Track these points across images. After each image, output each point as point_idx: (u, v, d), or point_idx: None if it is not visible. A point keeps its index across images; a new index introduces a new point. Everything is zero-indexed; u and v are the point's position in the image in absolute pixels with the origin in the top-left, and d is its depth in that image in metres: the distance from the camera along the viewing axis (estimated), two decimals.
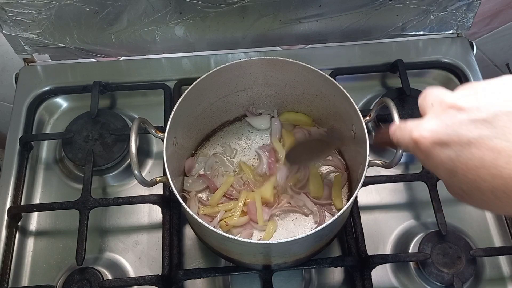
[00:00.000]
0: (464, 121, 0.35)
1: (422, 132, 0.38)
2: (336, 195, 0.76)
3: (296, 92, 0.78)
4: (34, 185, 0.85)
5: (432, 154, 0.37)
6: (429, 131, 0.37)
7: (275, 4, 0.86)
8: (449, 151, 0.36)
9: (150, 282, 0.71)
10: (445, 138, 0.36)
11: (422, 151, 0.38)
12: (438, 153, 0.37)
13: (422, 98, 0.42)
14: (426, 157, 0.38)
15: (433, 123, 0.37)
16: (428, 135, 0.37)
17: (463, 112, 0.36)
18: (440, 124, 0.37)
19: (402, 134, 0.41)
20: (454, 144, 0.35)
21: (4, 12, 0.83)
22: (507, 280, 0.77)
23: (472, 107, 0.35)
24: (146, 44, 0.93)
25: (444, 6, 0.90)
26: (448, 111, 0.37)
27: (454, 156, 0.35)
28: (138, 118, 0.65)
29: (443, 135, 0.36)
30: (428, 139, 0.37)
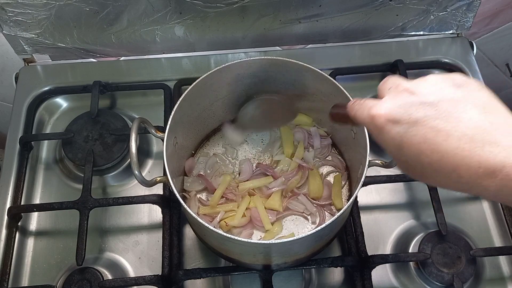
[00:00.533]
0: (415, 103, 0.41)
1: (378, 110, 0.43)
2: (336, 195, 0.76)
3: (296, 92, 0.78)
4: (34, 185, 0.85)
5: (385, 130, 0.42)
6: (385, 109, 0.42)
7: (275, 4, 0.86)
8: (399, 127, 0.41)
9: (150, 282, 0.71)
10: (397, 116, 0.41)
11: (377, 126, 0.43)
12: (390, 129, 0.42)
13: (382, 83, 0.47)
14: (379, 132, 0.43)
15: (389, 103, 0.43)
16: (383, 112, 0.42)
17: (415, 96, 0.41)
18: (394, 104, 0.42)
19: (361, 109, 0.46)
20: (403, 122, 0.41)
21: (4, 12, 0.83)
22: (507, 280, 0.77)
23: (422, 92, 0.41)
24: (146, 44, 0.93)
25: (444, 6, 0.90)
26: (402, 94, 0.42)
27: (403, 132, 0.41)
28: (138, 118, 0.65)
29: (396, 114, 0.41)
30: (383, 116, 0.42)
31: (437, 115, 0.39)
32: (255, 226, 0.74)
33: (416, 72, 0.95)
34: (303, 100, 0.79)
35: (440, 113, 0.39)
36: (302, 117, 0.83)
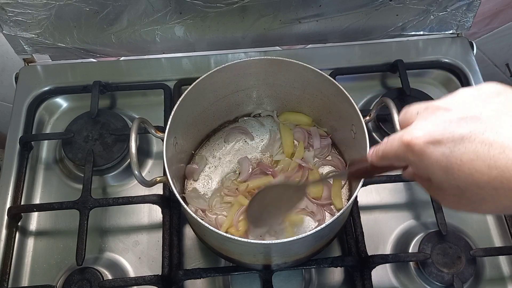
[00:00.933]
0: (454, 119, 0.37)
1: (414, 134, 0.39)
2: (336, 195, 0.76)
3: (296, 92, 0.78)
4: (34, 185, 0.85)
5: (426, 154, 0.38)
6: (421, 131, 0.38)
7: (275, 4, 0.86)
8: (443, 148, 0.37)
9: (150, 282, 0.71)
10: (438, 136, 0.37)
11: (415, 152, 0.39)
12: (432, 151, 0.37)
13: (403, 114, 0.43)
14: (419, 158, 0.39)
15: (423, 124, 0.39)
16: (420, 135, 0.38)
17: (452, 112, 0.38)
18: (431, 124, 0.38)
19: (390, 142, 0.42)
20: (447, 141, 0.36)
21: (4, 12, 0.83)
22: (507, 280, 0.77)
23: (459, 107, 0.38)
24: (146, 44, 0.93)
25: (444, 6, 0.90)
26: (437, 113, 0.38)
27: (449, 152, 0.36)
28: (138, 118, 0.65)
29: (436, 133, 0.37)
30: (421, 139, 0.38)
31: (484, 127, 0.35)
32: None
33: (416, 72, 0.95)
34: (303, 101, 0.79)
35: (487, 125, 0.35)
36: (302, 117, 0.83)
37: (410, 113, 0.42)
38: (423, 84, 0.95)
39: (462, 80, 0.93)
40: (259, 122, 0.85)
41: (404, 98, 0.89)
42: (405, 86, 0.89)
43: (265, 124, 0.85)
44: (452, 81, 0.95)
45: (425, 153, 0.38)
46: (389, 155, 0.42)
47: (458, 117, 0.37)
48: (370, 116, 0.69)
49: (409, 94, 0.89)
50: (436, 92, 0.94)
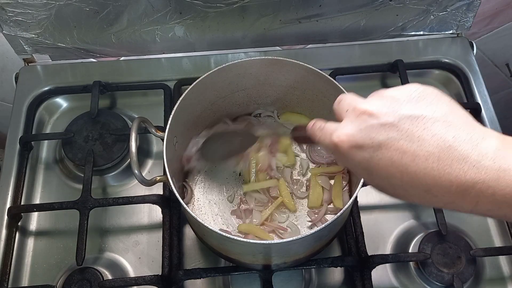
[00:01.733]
0: (375, 125, 0.40)
1: (340, 136, 0.42)
2: (336, 195, 0.76)
3: (296, 92, 0.78)
4: (34, 185, 0.85)
5: (350, 156, 0.41)
6: (346, 135, 0.41)
7: (275, 4, 0.86)
8: (364, 152, 0.40)
9: (150, 282, 0.71)
10: (360, 141, 0.40)
11: (342, 153, 0.42)
12: (355, 154, 0.41)
13: (337, 103, 0.46)
14: (345, 159, 0.42)
15: (348, 128, 0.42)
16: (345, 139, 0.41)
17: (374, 118, 0.40)
18: (355, 128, 0.41)
19: (323, 136, 0.45)
20: (367, 146, 0.40)
21: (4, 12, 0.83)
22: (507, 280, 0.76)
23: (381, 113, 0.40)
24: (146, 44, 0.93)
25: (444, 6, 0.90)
26: (361, 117, 0.41)
27: (369, 157, 0.40)
28: (139, 118, 0.65)
29: (358, 139, 0.40)
30: (345, 143, 0.41)
31: (400, 135, 0.38)
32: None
33: (416, 72, 0.95)
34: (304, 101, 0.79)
35: (402, 134, 0.38)
36: (303, 118, 0.83)
37: (341, 107, 0.45)
38: (423, 84, 0.94)
39: (462, 80, 0.93)
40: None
41: None
42: None
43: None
44: (452, 81, 0.95)
45: (349, 155, 0.41)
46: (322, 145, 0.47)
47: (378, 123, 0.39)
48: None
49: None
50: None
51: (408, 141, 0.38)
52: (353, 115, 0.42)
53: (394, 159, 0.38)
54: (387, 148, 0.39)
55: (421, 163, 0.37)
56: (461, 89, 0.93)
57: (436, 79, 0.97)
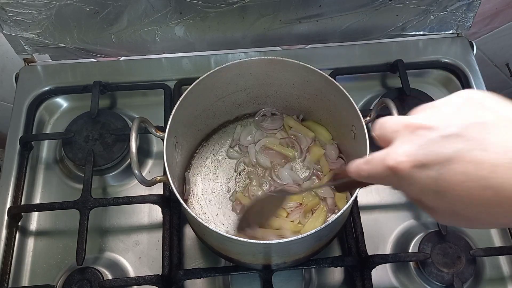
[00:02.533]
0: (437, 139, 0.34)
1: (397, 158, 0.36)
2: (339, 197, 0.76)
3: (296, 92, 0.78)
4: (34, 185, 0.85)
5: (414, 179, 0.36)
6: (405, 155, 0.36)
7: (275, 4, 0.86)
8: (430, 171, 0.34)
9: (150, 282, 0.71)
10: (423, 158, 0.35)
11: (402, 177, 0.36)
12: (420, 175, 0.35)
13: (379, 129, 0.40)
14: (408, 184, 0.36)
15: (406, 147, 0.36)
16: (405, 159, 0.36)
17: (433, 131, 0.35)
18: (413, 146, 0.36)
19: (373, 166, 0.39)
20: (433, 163, 0.34)
21: (4, 12, 0.83)
22: (507, 280, 0.77)
23: (440, 125, 0.35)
24: (146, 44, 0.93)
25: (444, 6, 0.90)
26: (418, 132, 0.36)
27: (437, 175, 0.34)
28: (139, 118, 0.65)
29: (420, 156, 0.35)
30: (405, 164, 0.35)
31: (470, 145, 0.33)
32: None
33: (416, 72, 0.95)
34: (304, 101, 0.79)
35: (472, 143, 0.33)
36: (323, 130, 0.82)
37: (389, 129, 0.39)
38: (423, 84, 0.95)
39: (462, 80, 0.93)
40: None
41: (404, 98, 0.89)
42: (405, 86, 0.89)
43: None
44: (452, 81, 0.95)
45: (412, 178, 0.36)
46: (375, 177, 0.40)
47: (441, 136, 0.34)
48: (370, 116, 0.69)
49: (409, 94, 0.89)
50: (436, 92, 0.94)
51: (482, 150, 0.32)
52: (406, 132, 0.37)
53: (469, 172, 0.33)
54: (458, 162, 0.33)
55: (504, 172, 0.31)
56: (461, 89, 0.93)
57: (436, 79, 0.97)
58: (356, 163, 0.42)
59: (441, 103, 0.37)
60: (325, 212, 0.75)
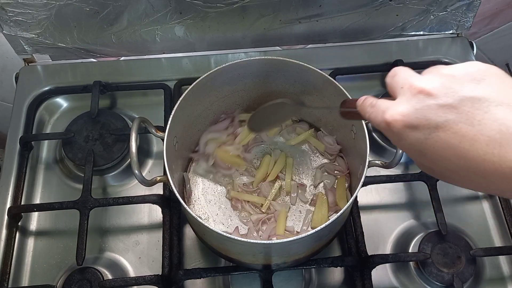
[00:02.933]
0: (433, 106, 0.38)
1: (394, 115, 0.40)
2: (340, 197, 0.76)
3: (296, 92, 0.78)
4: (34, 185, 0.85)
5: (403, 136, 0.40)
6: (401, 115, 0.40)
7: (275, 4, 0.86)
8: (418, 133, 0.39)
9: (150, 282, 0.71)
10: (415, 122, 0.39)
11: (394, 133, 0.41)
12: (408, 135, 0.39)
13: (391, 77, 0.44)
14: (397, 138, 0.41)
15: (404, 107, 0.40)
16: (400, 118, 0.40)
17: (432, 98, 0.38)
18: (410, 108, 0.39)
19: (374, 113, 0.44)
20: (423, 127, 0.38)
21: (4, 12, 0.83)
22: (507, 280, 0.77)
23: (440, 93, 0.38)
24: (146, 44, 0.93)
25: (444, 6, 0.90)
26: (418, 96, 0.39)
27: (423, 138, 0.38)
28: (139, 118, 0.65)
29: (413, 119, 0.39)
30: (399, 123, 0.40)
31: (459, 118, 0.36)
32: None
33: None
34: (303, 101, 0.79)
35: (462, 116, 0.36)
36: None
37: (396, 82, 0.43)
38: None
39: None
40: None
41: None
42: None
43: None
44: None
45: (402, 136, 0.40)
46: (373, 122, 0.45)
47: (436, 104, 0.38)
48: None
49: None
50: None
51: (468, 124, 0.36)
52: (409, 93, 0.40)
53: (451, 142, 0.37)
54: (445, 131, 0.37)
55: (481, 148, 0.35)
56: None
57: None
58: (365, 101, 0.47)
59: (448, 70, 0.40)
60: (325, 200, 0.75)
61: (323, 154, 0.81)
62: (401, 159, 0.64)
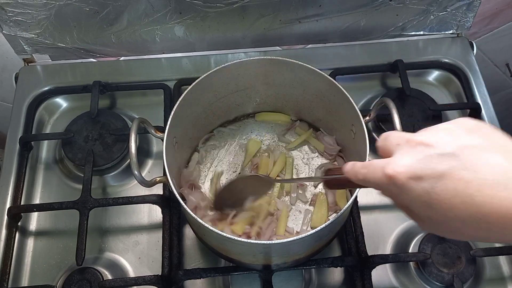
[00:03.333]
0: (434, 156, 0.38)
1: (396, 168, 0.40)
2: (340, 197, 0.76)
3: (296, 92, 0.78)
4: (34, 185, 0.85)
5: (408, 188, 0.39)
6: (404, 167, 0.39)
7: (275, 4, 0.86)
8: (424, 184, 0.38)
9: (150, 282, 0.71)
10: (419, 172, 0.38)
11: (398, 186, 0.40)
12: (414, 186, 0.39)
13: (383, 140, 0.44)
14: (401, 192, 0.40)
15: (405, 159, 0.40)
16: (403, 170, 0.39)
17: (432, 148, 0.39)
18: (412, 159, 0.39)
19: (371, 172, 0.43)
20: (428, 177, 0.38)
21: (4, 12, 0.83)
22: (507, 280, 0.77)
23: (439, 143, 0.39)
24: (146, 44, 0.93)
25: (444, 6, 0.90)
26: (418, 148, 0.40)
27: (429, 188, 0.38)
28: (138, 118, 0.65)
29: (417, 169, 0.38)
30: (403, 174, 0.39)
31: (462, 165, 0.37)
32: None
33: (416, 72, 0.95)
34: (303, 101, 0.79)
35: (464, 163, 0.37)
36: (280, 116, 0.84)
37: (390, 142, 0.43)
38: (423, 84, 0.95)
39: (462, 80, 0.93)
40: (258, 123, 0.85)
41: (404, 98, 0.89)
42: (405, 86, 0.89)
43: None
44: (452, 81, 0.95)
45: (407, 188, 0.39)
46: (370, 182, 0.43)
47: (438, 153, 0.38)
48: (370, 116, 0.69)
49: (409, 94, 0.89)
50: (436, 92, 0.94)
51: (472, 171, 0.36)
52: (407, 147, 0.41)
53: (458, 190, 0.37)
54: (450, 178, 0.37)
55: (488, 192, 0.35)
56: (461, 89, 0.93)
57: (436, 79, 0.97)
58: (353, 165, 0.46)
59: (442, 127, 0.41)
60: (325, 200, 0.75)
61: (322, 154, 0.81)
62: None
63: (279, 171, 0.79)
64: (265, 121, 0.85)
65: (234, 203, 0.70)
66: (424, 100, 0.89)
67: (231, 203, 0.70)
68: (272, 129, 0.84)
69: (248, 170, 0.79)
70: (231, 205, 0.71)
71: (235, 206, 0.71)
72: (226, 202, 0.70)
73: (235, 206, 0.71)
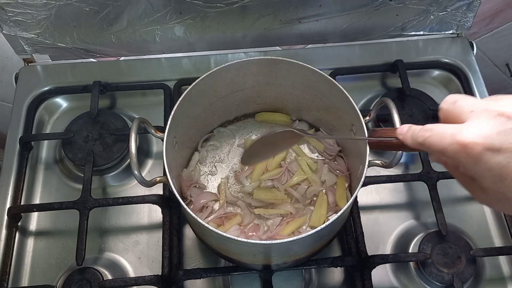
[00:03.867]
0: None
1: (473, 138, 0.38)
2: (340, 197, 0.76)
3: (296, 92, 0.78)
4: (34, 185, 0.85)
5: (482, 160, 0.37)
6: (482, 137, 0.37)
7: (275, 4, 0.86)
8: (500, 157, 0.37)
9: (150, 282, 0.71)
10: (498, 144, 0.37)
11: (471, 156, 0.38)
12: (489, 158, 0.37)
13: (451, 103, 0.42)
14: (473, 162, 0.38)
15: (484, 129, 0.38)
16: (480, 140, 0.37)
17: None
18: (491, 130, 0.37)
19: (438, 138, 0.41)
20: (505, 150, 0.36)
21: (4, 12, 0.83)
22: (507, 280, 0.77)
23: None
24: (146, 44, 0.93)
25: (444, 6, 0.90)
26: (498, 118, 0.38)
27: (505, 162, 0.36)
28: (138, 118, 0.65)
29: (496, 141, 0.37)
30: (480, 145, 0.37)
31: None
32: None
33: (416, 72, 0.95)
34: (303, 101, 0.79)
35: None
36: (279, 116, 0.84)
37: (461, 107, 0.41)
38: (423, 84, 0.95)
39: (462, 80, 0.93)
40: (258, 123, 0.85)
41: (404, 98, 0.89)
42: (405, 86, 0.89)
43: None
44: (452, 81, 0.95)
45: (481, 159, 0.37)
46: (434, 146, 0.41)
47: None
48: (370, 116, 0.69)
49: (409, 94, 0.89)
50: (436, 92, 0.94)
51: None
52: (486, 115, 0.38)
53: None
54: None
55: None
56: (461, 89, 0.93)
57: (436, 79, 0.97)
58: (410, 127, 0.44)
59: None
60: (325, 200, 0.75)
61: (322, 154, 0.81)
62: (401, 159, 0.64)
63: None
64: (265, 121, 0.85)
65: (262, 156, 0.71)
66: (424, 100, 0.89)
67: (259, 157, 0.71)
68: (272, 129, 0.84)
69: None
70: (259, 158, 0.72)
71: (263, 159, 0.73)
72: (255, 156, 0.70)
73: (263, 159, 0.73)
